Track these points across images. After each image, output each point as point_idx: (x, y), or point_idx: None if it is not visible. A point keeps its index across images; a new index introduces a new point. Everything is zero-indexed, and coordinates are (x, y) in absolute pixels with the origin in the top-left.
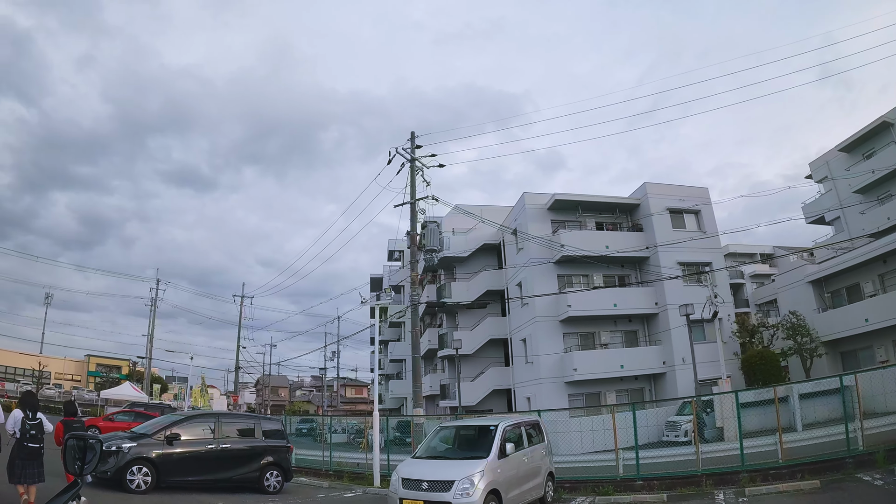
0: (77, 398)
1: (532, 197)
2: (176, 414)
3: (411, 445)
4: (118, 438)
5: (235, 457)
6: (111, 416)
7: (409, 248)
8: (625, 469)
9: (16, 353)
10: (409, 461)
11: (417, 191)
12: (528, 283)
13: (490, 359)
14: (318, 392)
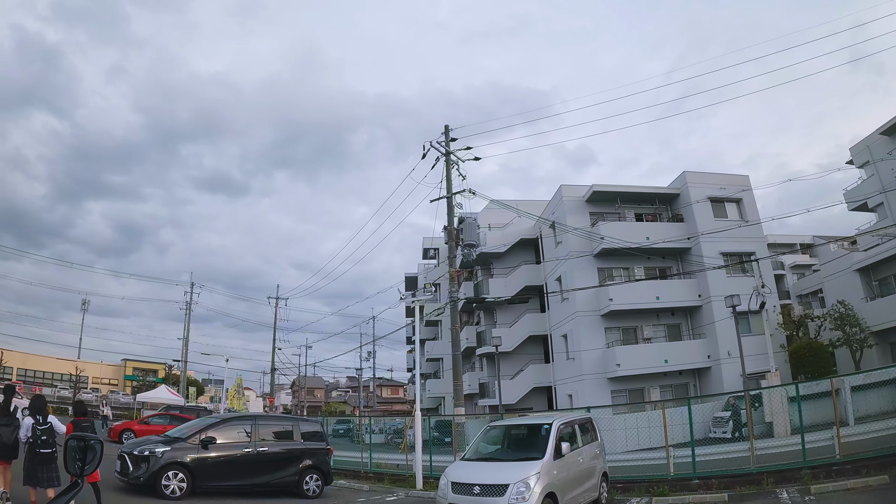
0: (112, 401)
1: (570, 189)
2: (211, 417)
3: (452, 446)
4: (151, 443)
5: (273, 460)
6: (146, 419)
7: (447, 244)
8: (676, 467)
9: (53, 358)
10: (458, 463)
11: (453, 185)
12: (568, 277)
13: (529, 356)
14: (354, 393)
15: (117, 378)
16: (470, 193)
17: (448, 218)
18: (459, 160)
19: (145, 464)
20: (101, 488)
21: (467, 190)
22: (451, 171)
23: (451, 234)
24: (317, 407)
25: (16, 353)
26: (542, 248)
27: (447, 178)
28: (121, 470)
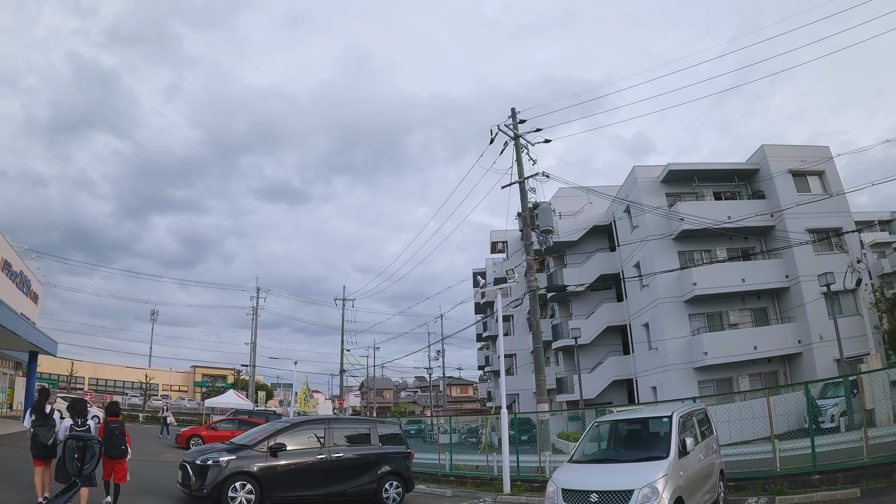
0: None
1: (643, 170)
2: (281, 421)
3: (537, 445)
4: (215, 451)
5: (349, 467)
6: (214, 424)
7: (522, 231)
8: (782, 461)
9: (123, 367)
10: (567, 467)
11: (524, 170)
12: (647, 262)
13: (607, 347)
14: (423, 392)
15: (187, 385)
16: (543, 177)
17: (522, 204)
18: (529, 143)
19: (209, 474)
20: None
21: (540, 173)
22: (521, 154)
23: (526, 221)
24: (386, 408)
25: (87, 364)
26: (617, 233)
27: (518, 162)
28: (182, 481)
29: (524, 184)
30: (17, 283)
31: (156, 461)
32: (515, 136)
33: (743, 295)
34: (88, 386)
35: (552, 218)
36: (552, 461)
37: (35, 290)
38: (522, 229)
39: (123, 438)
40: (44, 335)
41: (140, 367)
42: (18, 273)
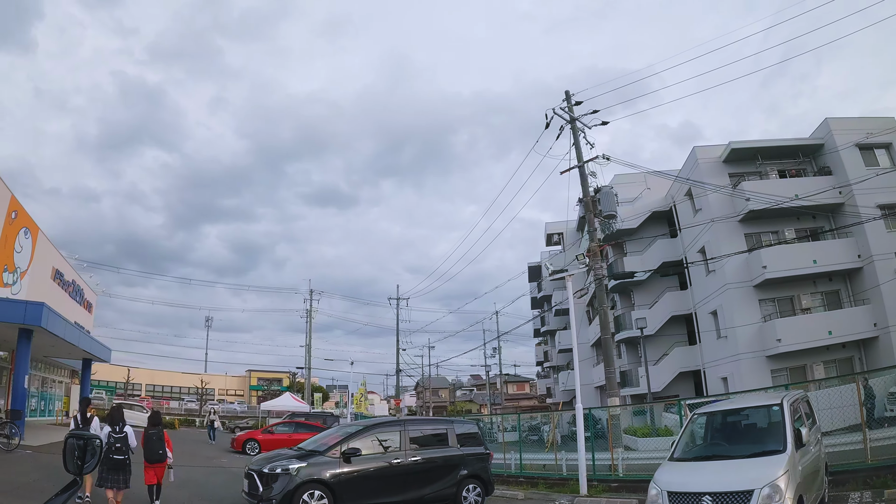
0: (227, 411)
1: (704, 150)
2: (353, 424)
3: (608, 441)
4: (284, 458)
5: (427, 471)
6: (271, 427)
7: (583, 217)
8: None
9: (179, 373)
10: (669, 466)
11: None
12: (713, 246)
13: (672, 337)
14: (479, 391)
15: (242, 389)
16: (603, 160)
17: (582, 188)
18: (585, 126)
19: (278, 483)
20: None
21: (601, 156)
22: (578, 137)
23: (588, 206)
24: (441, 407)
25: (144, 371)
26: (678, 218)
27: (576, 146)
28: (249, 490)
29: (584, 168)
30: (70, 293)
31: (210, 466)
32: (571, 119)
33: (814, 277)
34: (145, 392)
35: (615, 202)
36: (625, 459)
37: (88, 299)
38: (584, 215)
39: (162, 444)
40: (97, 342)
41: (196, 373)
42: (71, 282)
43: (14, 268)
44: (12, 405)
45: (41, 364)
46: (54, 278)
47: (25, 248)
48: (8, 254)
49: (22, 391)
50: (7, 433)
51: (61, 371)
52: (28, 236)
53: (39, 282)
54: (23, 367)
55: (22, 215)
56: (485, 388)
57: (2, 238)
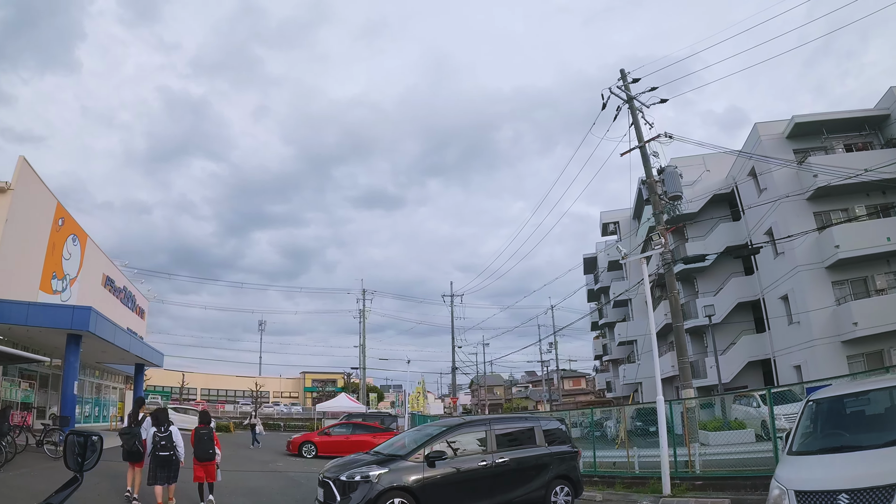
0: (272, 413)
1: (766, 126)
2: (434, 424)
3: (684, 437)
4: (362, 464)
5: (515, 473)
6: (327, 429)
7: (647, 200)
8: None
9: (234, 377)
10: (789, 461)
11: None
12: (780, 227)
13: (739, 325)
14: (535, 387)
15: (297, 391)
16: (666, 138)
17: (645, 169)
18: (643, 105)
19: (357, 492)
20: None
21: (663, 134)
22: (637, 116)
23: (652, 187)
24: (497, 404)
25: (199, 375)
26: (741, 200)
27: (635, 125)
28: (324, 500)
29: (645, 148)
30: (122, 299)
31: (266, 471)
32: (629, 98)
33: (887, 256)
34: (200, 396)
35: (679, 182)
36: (701, 455)
37: (140, 305)
38: (643, 199)
39: (212, 443)
40: (149, 347)
41: (250, 376)
42: (122, 289)
43: (63, 274)
44: (62, 411)
45: (96, 370)
46: (105, 285)
47: (74, 255)
48: (56, 261)
49: (71, 397)
50: (55, 440)
51: (116, 377)
52: (76, 243)
53: (89, 288)
54: (72, 372)
55: (69, 222)
56: (540, 384)
57: (49, 245)
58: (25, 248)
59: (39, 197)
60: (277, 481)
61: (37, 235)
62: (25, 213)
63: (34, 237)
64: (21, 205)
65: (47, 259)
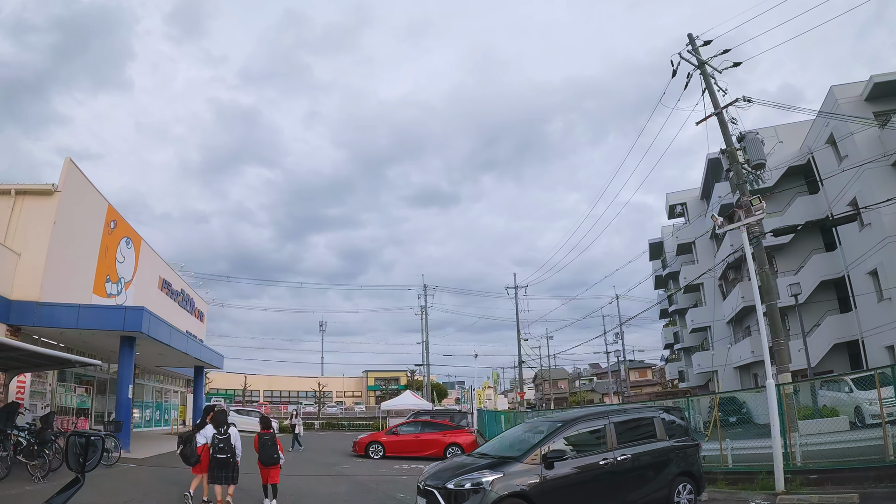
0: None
1: (843, 90)
2: (546, 419)
3: (786, 426)
4: (471, 469)
5: (637, 471)
6: (395, 428)
7: (728, 170)
8: None
9: (296, 378)
10: None
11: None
12: (865, 196)
13: (821, 305)
14: (600, 379)
15: (360, 390)
16: (744, 102)
17: (724, 137)
18: (716, 70)
19: (469, 501)
20: None
21: (741, 98)
22: (710, 81)
23: (734, 156)
24: (562, 398)
25: (261, 377)
26: (818, 170)
27: (709, 91)
28: None
29: (723, 114)
30: (180, 302)
31: (331, 475)
32: (700, 63)
33: None
34: (263, 398)
35: (762, 149)
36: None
37: (199, 308)
38: (730, 167)
39: (275, 448)
40: (208, 349)
41: (313, 376)
42: (179, 292)
43: (117, 278)
44: (116, 416)
45: (156, 375)
46: (161, 288)
47: (128, 259)
48: (110, 264)
49: (126, 401)
50: (106, 447)
51: (177, 380)
52: (130, 246)
53: (145, 291)
54: (126, 376)
55: (122, 225)
56: (604, 376)
57: (101, 248)
58: (76, 252)
59: (89, 200)
60: (345, 487)
61: (88, 238)
62: (74, 216)
63: (85, 240)
64: (69, 208)
65: (100, 262)
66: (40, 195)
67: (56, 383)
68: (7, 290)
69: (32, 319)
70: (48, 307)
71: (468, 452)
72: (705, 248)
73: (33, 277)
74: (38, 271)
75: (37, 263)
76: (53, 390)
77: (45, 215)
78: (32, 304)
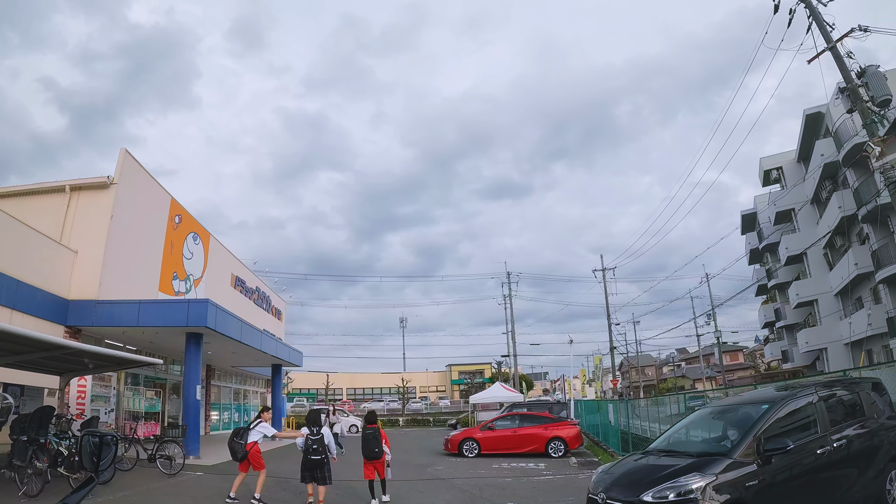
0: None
1: None
2: (751, 398)
3: None
4: (668, 472)
5: (851, 457)
6: (491, 423)
7: (850, 111)
8: None
9: (378, 374)
10: None
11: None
12: None
13: None
14: (689, 365)
15: (444, 384)
16: (861, 31)
17: (842, 73)
18: (821, 3)
19: None
20: None
21: (856, 27)
22: (817, 12)
23: (856, 92)
24: (650, 385)
25: (343, 375)
26: None
27: (818, 25)
28: None
29: (836, 48)
30: (255, 300)
31: (426, 479)
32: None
33: None
34: (346, 395)
35: (886, 83)
36: None
37: (276, 306)
38: (853, 107)
39: (378, 442)
40: (285, 346)
41: (395, 372)
42: (254, 289)
43: (185, 275)
44: (184, 419)
45: (234, 376)
46: (235, 285)
47: (196, 255)
48: (176, 260)
49: (194, 404)
50: (168, 453)
51: (257, 381)
52: (198, 242)
53: (217, 289)
54: (193, 376)
55: (187, 220)
56: (693, 361)
57: (167, 244)
58: (138, 247)
59: (149, 192)
60: (444, 495)
61: (150, 234)
62: (134, 210)
63: (147, 235)
64: (127, 200)
65: (165, 258)
66: (96, 189)
67: (124, 387)
68: (64, 290)
69: (91, 319)
70: (107, 305)
71: (648, 449)
72: (806, 216)
73: (91, 275)
74: (96, 268)
75: (94, 260)
76: (121, 394)
77: (102, 209)
78: (90, 303)
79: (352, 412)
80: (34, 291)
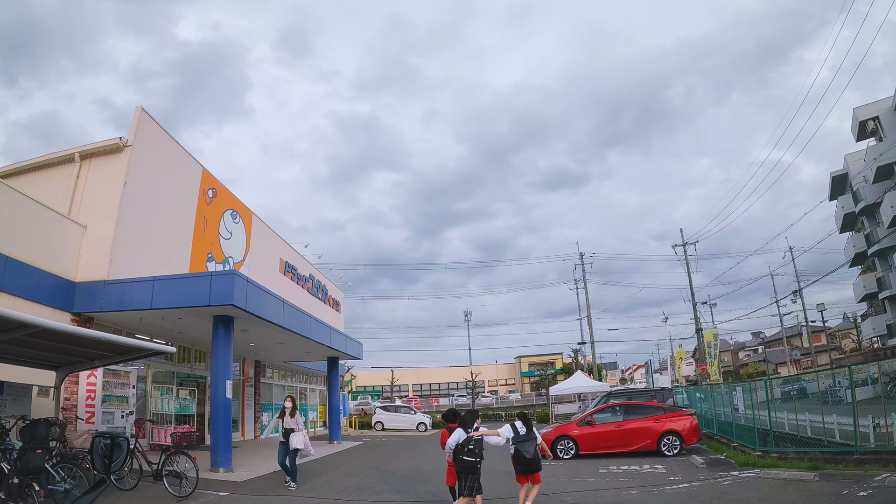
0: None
1: None
2: None
3: None
4: None
5: None
6: (588, 418)
7: None
8: None
9: (445, 369)
10: None
11: None
12: None
13: None
14: (769, 349)
15: (513, 377)
16: None
17: None
18: None
19: None
20: None
21: None
22: None
23: None
24: (726, 372)
25: (409, 371)
26: None
27: None
28: None
29: None
30: (308, 288)
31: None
32: None
33: None
34: (412, 392)
35: None
36: None
37: (334, 296)
38: None
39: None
40: (340, 335)
41: (463, 366)
42: (308, 277)
43: (223, 257)
44: (212, 422)
45: (287, 372)
46: (284, 272)
47: (237, 235)
48: (211, 239)
49: (223, 403)
50: (178, 469)
51: (315, 378)
52: (238, 220)
53: (262, 274)
54: (223, 368)
55: (223, 195)
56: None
57: (198, 220)
58: (161, 221)
59: (173, 159)
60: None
61: (177, 206)
62: (154, 178)
63: (172, 208)
64: (145, 166)
65: (197, 237)
66: (108, 153)
67: (151, 386)
68: (71, 271)
69: (100, 303)
70: (117, 286)
71: None
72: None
73: (100, 251)
74: (106, 242)
75: (105, 234)
76: (148, 394)
77: (115, 176)
78: (99, 283)
79: (419, 409)
80: (30, 271)
